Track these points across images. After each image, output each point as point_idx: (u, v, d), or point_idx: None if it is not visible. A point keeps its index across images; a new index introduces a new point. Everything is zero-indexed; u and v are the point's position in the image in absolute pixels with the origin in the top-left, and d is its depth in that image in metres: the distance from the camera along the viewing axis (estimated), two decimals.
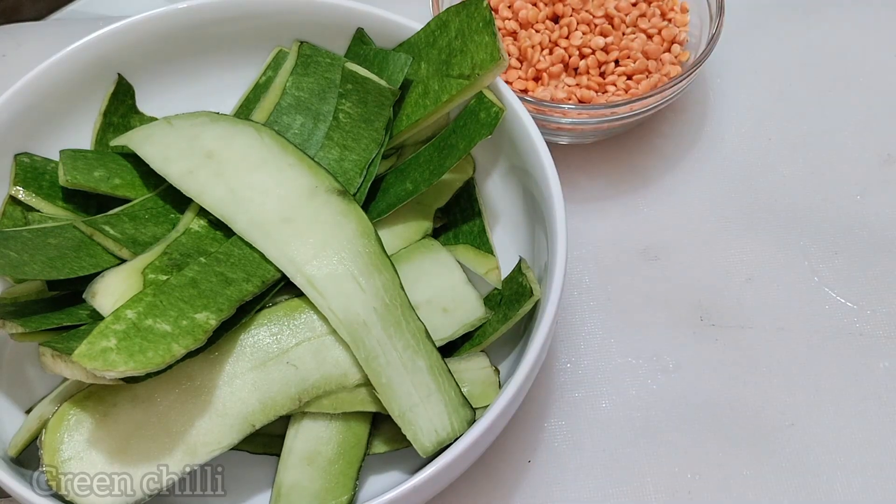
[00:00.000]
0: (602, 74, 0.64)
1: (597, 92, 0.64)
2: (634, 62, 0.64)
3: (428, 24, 0.56)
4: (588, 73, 0.64)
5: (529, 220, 0.56)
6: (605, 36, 0.64)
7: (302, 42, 0.58)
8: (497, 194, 0.59)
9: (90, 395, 0.46)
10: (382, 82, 0.55)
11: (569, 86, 0.64)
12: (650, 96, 0.60)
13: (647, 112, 0.61)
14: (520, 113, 0.53)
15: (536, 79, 0.65)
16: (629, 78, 0.64)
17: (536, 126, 0.52)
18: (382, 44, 0.58)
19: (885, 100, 0.68)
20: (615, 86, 0.64)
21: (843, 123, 0.67)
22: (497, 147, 0.57)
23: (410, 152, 0.57)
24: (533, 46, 0.64)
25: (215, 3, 0.58)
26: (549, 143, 0.52)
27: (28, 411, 0.51)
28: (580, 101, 0.63)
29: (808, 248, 0.62)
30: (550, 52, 0.65)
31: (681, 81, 0.61)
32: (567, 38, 0.65)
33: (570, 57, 0.64)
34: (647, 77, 0.64)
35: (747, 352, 0.58)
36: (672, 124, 0.67)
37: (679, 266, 0.62)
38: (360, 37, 0.58)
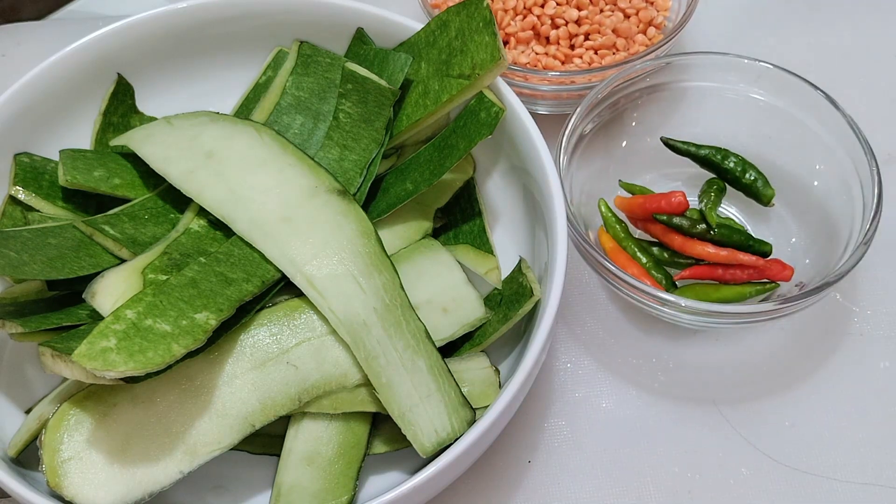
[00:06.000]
0: (572, 47, 0.66)
1: (563, 63, 0.65)
2: (603, 37, 0.65)
3: (428, 23, 0.56)
4: (558, 43, 0.65)
5: (529, 220, 0.56)
6: (581, 9, 0.66)
7: (302, 42, 0.58)
8: (497, 194, 0.59)
9: (90, 395, 0.46)
10: (382, 82, 0.55)
11: (537, 53, 0.65)
12: (609, 69, 0.61)
13: (608, 88, 0.60)
14: (520, 113, 0.53)
15: (505, 42, 0.66)
16: (596, 53, 0.65)
17: (537, 126, 0.52)
18: (382, 44, 0.58)
19: (885, 100, 0.68)
20: (581, 59, 0.65)
21: None
22: (497, 147, 0.57)
23: (410, 152, 0.57)
24: (506, 10, 0.66)
25: (215, 3, 0.58)
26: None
27: (28, 411, 0.51)
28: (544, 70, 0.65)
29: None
30: (523, 18, 0.66)
31: (642, 57, 0.62)
32: (542, 6, 0.66)
33: (542, 25, 0.66)
34: (615, 54, 0.65)
35: (748, 351, 0.58)
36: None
37: None
38: (360, 37, 0.58)
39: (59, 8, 0.81)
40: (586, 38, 0.65)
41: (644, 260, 0.58)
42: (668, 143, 0.61)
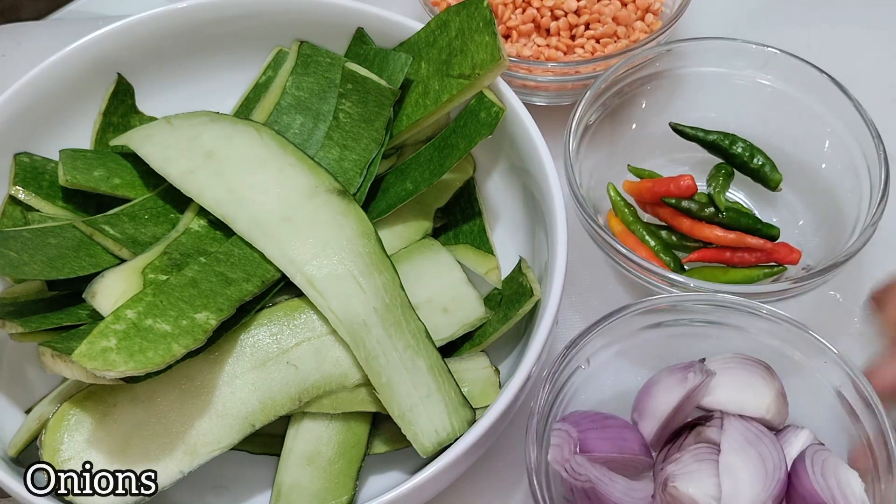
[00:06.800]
0: (573, 37, 0.66)
1: (565, 53, 0.65)
2: (604, 26, 0.65)
3: (428, 23, 0.56)
4: (559, 34, 0.66)
5: (529, 220, 0.56)
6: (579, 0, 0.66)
7: (302, 42, 0.58)
8: (497, 194, 0.59)
9: (90, 395, 0.46)
10: (382, 82, 0.55)
11: (538, 45, 0.66)
12: (612, 57, 0.62)
13: (614, 75, 0.61)
14: (520, 113, 0.53)
15: (506, 36, 0.67)
16: (598, 41, 0.66)
17: (535, 123, 0.52)
18: (382, 43, 0.58)
19: (886, 100, 0.68)
20: (583, 48, 0.65)
21: None
22: (497, 147, 0.57)
23: (410, 152, 0.57)
24: (505, 4, 0.66)
25: (215, 3, 0.58)
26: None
27: (28, 411, 0.51)
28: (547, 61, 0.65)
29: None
30: (523, 11, 0.66)
31: (645, 45, 0.62)
32: None
33: (542, 17, 0.66)
34: (616, 42, 0.66)
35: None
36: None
37: None
38: (361, 36, 0.58)
39: (59, 8, 0.80)
40: (587, 28, 0.66)
41: (652, 243, 0.59)
42: (677, 129, 0.61)
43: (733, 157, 0.60)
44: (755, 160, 0.60)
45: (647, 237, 0.59)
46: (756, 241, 0.57)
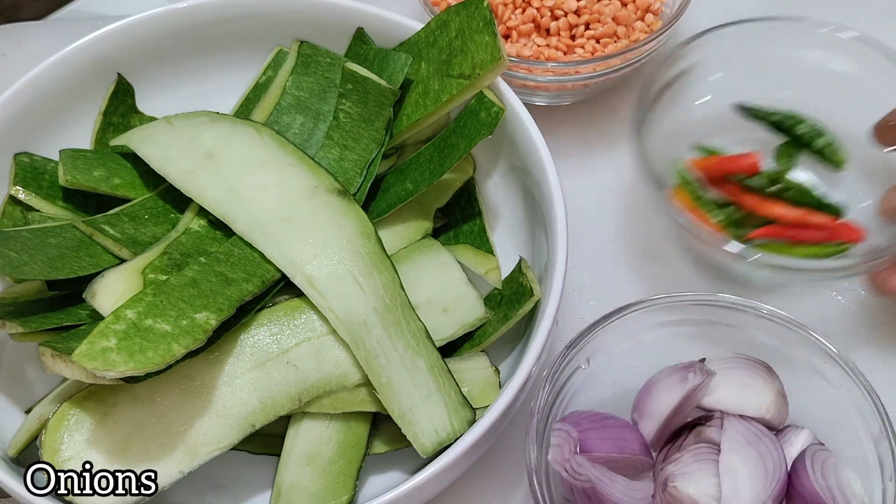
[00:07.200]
0: (573, 37, 0.66)
1: (565, 53, 0.65)
2: (604, 26, 0.65)
3: (428, 23, 0.56)
4: (559, 34, 0.66)
5: (529, 220, 0.56)
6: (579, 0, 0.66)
7: (302, 42, 0.58)
8: (497, 194, 0.59)
9: (90, 395, 0.46)
10: (382, 82, 0.55)
11: (538, 45, 0.66)
12: (613, 57, 0.62)
13: (614, 74, 0.61)
14: (520, 113, 0.53)
15: (506, 36, 0.67)
16: (598, 41, 0.66)
17: (535, 123, 0.52)
18: (382, 43, 0.58)
19: (886, 100, 0.68)
20: (583, 48, 0.65)
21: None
22: (497, 147, 0.57)
23: (410, 152, 0.57)
24: (505, 4, 0.66)
25: (215, 3, 0.58)
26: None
27: (28, 411, 0.51)
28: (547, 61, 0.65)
29: None
30: (523, 11, 0.66)
31: (645, 45, 0.62)
32: None
33: (542, 17, 0.66)
34: (616, 42, 0.66)
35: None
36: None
37: None
38: (360, 36, 0.58)
39: (59, 8, 0.80)
40: (587, 28, 0.66)
41: (719, 218, 0.59)
42: (742, 108, 0.61)
43: (798, 137, 0.61)
44: (819, 140, 0.60)
45: (712, 212, 0.59)
46: (820, 219, 0.58)
